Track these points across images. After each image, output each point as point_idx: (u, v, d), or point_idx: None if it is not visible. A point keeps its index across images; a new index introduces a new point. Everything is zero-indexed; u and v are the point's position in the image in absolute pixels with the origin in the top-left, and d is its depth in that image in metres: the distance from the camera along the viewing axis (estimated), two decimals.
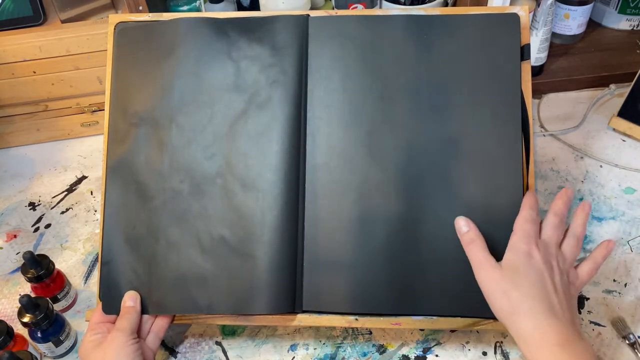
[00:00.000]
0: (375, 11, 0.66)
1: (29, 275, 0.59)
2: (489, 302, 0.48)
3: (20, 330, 0.58)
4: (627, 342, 0.57)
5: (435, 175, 0.56)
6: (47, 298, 0.58)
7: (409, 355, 0.57)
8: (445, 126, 0.56)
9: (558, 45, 0.92)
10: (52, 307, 0.56)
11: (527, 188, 0.56)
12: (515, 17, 0.57)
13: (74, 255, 0.70)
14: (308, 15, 0.59)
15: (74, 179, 0.80)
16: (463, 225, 0.52)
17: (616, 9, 0.93)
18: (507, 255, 0.49)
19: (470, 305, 0.54)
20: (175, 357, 0.59)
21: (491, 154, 0.56)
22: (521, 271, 0.47)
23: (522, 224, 0.50)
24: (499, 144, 0.56)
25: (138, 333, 0.54)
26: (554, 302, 0.46)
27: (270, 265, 0.54)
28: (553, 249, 0.49)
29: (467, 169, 0.56)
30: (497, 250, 0.53)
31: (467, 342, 0.58)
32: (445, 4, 0.86)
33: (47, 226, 0.74)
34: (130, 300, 0.54)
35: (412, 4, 0.85)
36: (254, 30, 0.58)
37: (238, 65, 0.58)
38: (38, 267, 0.59)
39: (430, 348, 0.58)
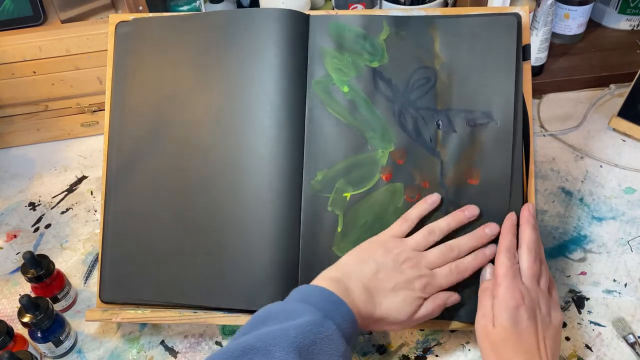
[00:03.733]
0: (375, 11, 0.66)
1: (29, 275, 0.59)
2: (483, 357, 0.49)
3: (20, 330, 0.58)
4: (627, 342, 0.57)
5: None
6: (47, 298, 0.58)
7: (409, 355, 0.57)
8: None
9: (558, 45, 0.92)
10: (52, 307, 0.56)
11: (527, 188, 0.57)
12: (515, 17, 0.57)
13: (74, 255, 0.70)
14: (309, 15, 0.59)
15: (74, 179, 0.80)
16: (487, 273, 0.53)
17: (616, 9, 0.93)
18: (496, 311, 0.49)
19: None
20: (175, 357, 0.59)
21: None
22: (509, 329, 0.48)
23: (505, 273, 0.50)
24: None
25: None
26: (534, 357, 0.47)
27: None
28: (534, 292, 0.50)
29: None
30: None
31: (467, 342, 0.58)
32: (445, 4, 0.86)
33: (47, 226, 0.74)
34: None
35: (412, 4, 0.85)
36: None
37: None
38: (38, 267, 0.59)
39: (430, 348, 0.58)
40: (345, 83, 0.57)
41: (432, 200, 0.55)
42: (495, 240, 0.54)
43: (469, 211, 0.54)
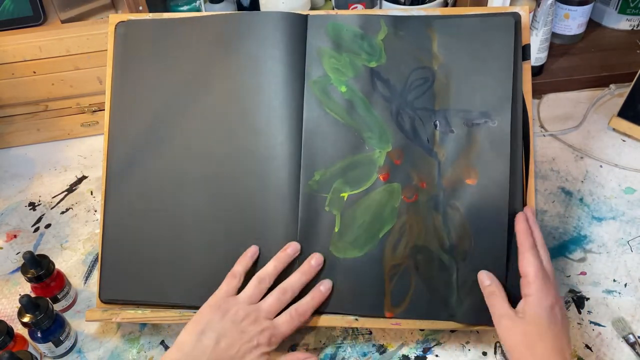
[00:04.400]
0: (375, 11, 0.66)
1: (29, 275, 0.59)
2: (511, 355, 0.48)
3: (20, 330, 0.58)
4: (627, 342, 0.57)
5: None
6: (47, 298, 0.58)
7: (409, 355, 0.57)
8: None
9: (558, 45, 0.92)
10: (52, 307, 0.56)
11: (527, 188, 0.57)
12: (515, 17, 0.57)
13: (74, 255, 0.70)
14: (307, 15, 0.59)
15: (74, 179, 0.80)
16: (485, 279, 0.53)
17: (616, 9, 0.93)
18: (532, 310, 0.48)
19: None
20: None
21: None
22: (545, 326, 0.48)
23: (536, 273, 0.50)
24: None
25: None
26: (566, 355, 0.47)
27: None
28: (557, 288, 0.50)
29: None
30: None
31: (467, 342, 0.58)
32: (445, 4, 0.86)
33: (47, 226, 0.74)
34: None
35: (412, 4, 0.85)
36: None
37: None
38: (38, 267, 0.59)
39: (430, 348, 0.58)
40: (343, 83, 0.57)
41: (252, 252, 0.55)
42: (328, 275, 0.55)
43: (291, 249, 0.54)
